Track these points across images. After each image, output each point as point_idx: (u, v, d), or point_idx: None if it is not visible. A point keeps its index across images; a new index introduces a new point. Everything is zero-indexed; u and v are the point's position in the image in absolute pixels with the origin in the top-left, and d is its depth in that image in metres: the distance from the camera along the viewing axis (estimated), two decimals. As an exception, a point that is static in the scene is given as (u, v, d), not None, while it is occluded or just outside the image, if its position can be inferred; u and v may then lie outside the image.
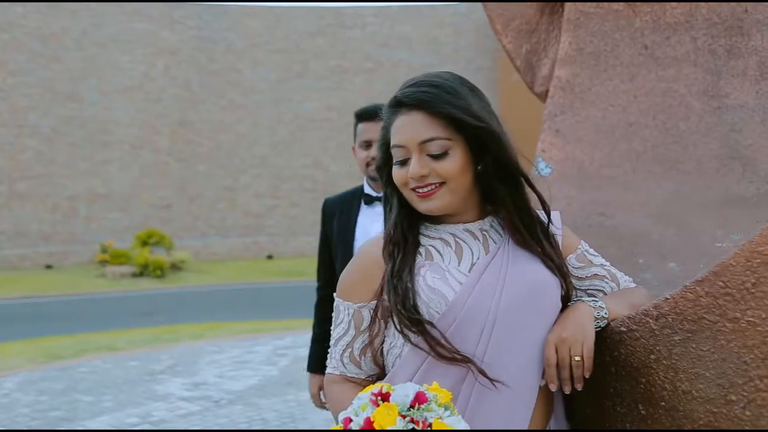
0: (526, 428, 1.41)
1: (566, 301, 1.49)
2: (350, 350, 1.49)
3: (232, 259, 20.82)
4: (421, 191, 1.44)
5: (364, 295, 1.47)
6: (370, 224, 2.83)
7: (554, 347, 1.39)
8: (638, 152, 2.25)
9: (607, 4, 2.41)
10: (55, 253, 19.48)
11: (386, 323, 1.47)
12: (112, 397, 6.41)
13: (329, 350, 1.54)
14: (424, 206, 1.45)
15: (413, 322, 1.39)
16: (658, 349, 1.41)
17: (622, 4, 2.40)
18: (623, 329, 1.46)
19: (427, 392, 1.22)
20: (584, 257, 1.58)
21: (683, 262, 1.92)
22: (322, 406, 3.04)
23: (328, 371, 1.53)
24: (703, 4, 2.32)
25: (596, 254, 1.61)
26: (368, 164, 2.81)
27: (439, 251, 1.48)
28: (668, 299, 1.40)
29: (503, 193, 1.47)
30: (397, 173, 1.47)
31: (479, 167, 1.45)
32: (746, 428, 1.32)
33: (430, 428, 1.18)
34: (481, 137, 1.42)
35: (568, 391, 1.40)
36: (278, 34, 22.34)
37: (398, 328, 1.41)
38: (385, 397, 1.21)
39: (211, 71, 21.78)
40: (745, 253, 1.30)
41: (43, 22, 20.00)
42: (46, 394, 6.61)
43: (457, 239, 1.49)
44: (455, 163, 1.43)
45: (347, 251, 2.81)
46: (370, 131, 2.80)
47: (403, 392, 1.21)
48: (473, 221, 1.51)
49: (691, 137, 2.22)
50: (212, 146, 21.77)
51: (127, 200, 20.91)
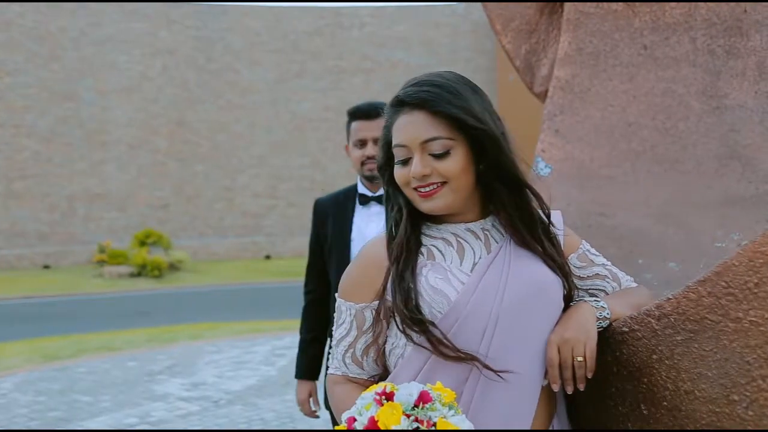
0: (529, 428, 1.41)
1: (568, 300, 1.49)
2: (352, 351, 1.49)
3: (230, 259, 20.79)
4: (423, 191, 1.44)
5: (366, 295, 1.47)
6: (365, 225, 2.75)
7: (557, 347, 1.39)
8: (637, 152, 2.26)
9: (606, 4, 2.41)
10: (52, 253, 19.44)
11: (388, 323, 1.47)
12: (110, 397, 6.40)
13: (331, 351, 1.54)
14: (426, 206, 1.46)
15: (415, 322, 1.38)
16: (660, 349, 1.41)
17: (621, 4, 2.40)
18: (625, 329, 1.46)
19: (431, 391, 1.22)
20: (586, 257, 1.59)
21: (683, 261, 1.93)
22: (311, 414, 2.94)
23: (330, 372, 1.53)
24: (702, 4, 2.33)
25: (598, 254, 1.61)
26: (363, 163, 2.73)
27: (441, 251, 1.48)
28: (670, 299, 1.40)
29: (503, 193, 1.47)
30: (399, 173, 1.47)
31: (480, 167, 1.45)
32: (749, 428, 1.32)
33: (434, 427, 1.18)
34: (480, 139, 1.43)
35: (570, 391, 1.40)
36: (276, 34, 22.32)
37: (400, 328, 1.41)
38: (389, 396, 1.21)
39: (209, 71, 21.76)
40: (747, 253, 1.30)
41: (40, 21, 19.96)
42: (44, 394, 6.60)
43: (458, 239, 1.49)
44: (457, 162, 1.43)
45: (343, 254, 2.74)
46: (364, 129, 2.72)
47: (407, 391, 1.21)
48: (475, 221, 1.51)
49: (690, 137, 2.23)
50: (210, 146, 21.75)
51: (124, 200, 20.89)
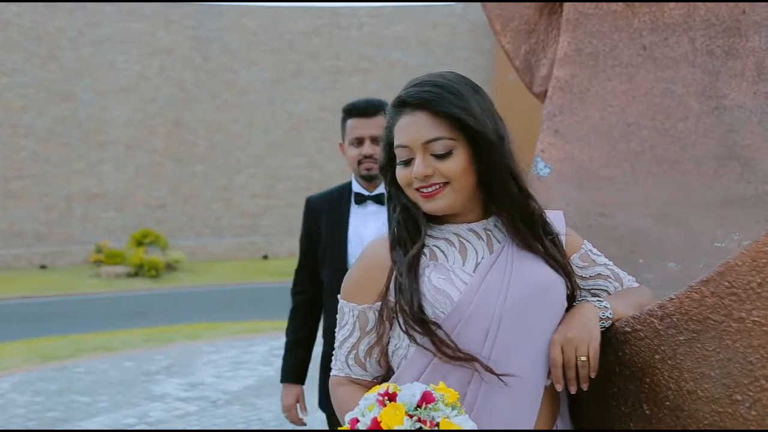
0: (532, 428, 1.41)
1: (571, 300, 1.49)
2: (355, 352, 1.49)
3: (227, 259, 20.76)
4: (425, 191, 1.44)
5: (368, 296, 1.47)
6: (362, 225, 2.66)
7: (560, 347, 1.39)
8: (637, 152, 2.26)
9: (605, 4, 2.41)
10: (49, 253, 19.39)
11: (391, 324, 1.46)
12: (108, 397, 6.39)
13: (334, 352, 1.53)
14: (428, 206, 1.46)
15: (418, 322, 1.38)
16: (662, 348, 1.41)
17: (620, 4, 2.40)
18: (628, 329, 1.46)
19: (434, 392, 1.22)
20: (588, 257, 1.59)
21: (683, 261, 1.93)
22: (298, 421, 2.81)
23: (333, 373, 1.53)
24: (701, 5, 2.33)
25: (599, 254, 1.61)
26: (360, 162, 2.64)
27: (443, 251, 1.48)
28: (673, 299, 1.40)
29: (504, 193, 1.47)
30: (401, 173, 1.47)
31: (482, 167, 1.45)
32: (752, 428, 1.32)
33: (437, 428, 1.18)
34: (479, 141, 1.43)
35: (573, 391, 1.40)
36: (273, 34, 22.29)
37: (403, 328, 1.41)
38: (392, 397, 1.21)
39: (206, 71, 21.73)
40: (750, 253, 1.30)
41: (38, 21, 19.91)
42: (42, 394, 6.58)
43: (461, 239, 1.49)
44: (459, 162, 1.43)
45: (339, 254, 2.64)
46: (360, 127, 2.64)
47: (410, 392, 1.21)
48: (477, 221, 1.51)
49: (689, 137, 2.23)
50: (207, 146, 21.72)
51: (122, 200, 20.85)
